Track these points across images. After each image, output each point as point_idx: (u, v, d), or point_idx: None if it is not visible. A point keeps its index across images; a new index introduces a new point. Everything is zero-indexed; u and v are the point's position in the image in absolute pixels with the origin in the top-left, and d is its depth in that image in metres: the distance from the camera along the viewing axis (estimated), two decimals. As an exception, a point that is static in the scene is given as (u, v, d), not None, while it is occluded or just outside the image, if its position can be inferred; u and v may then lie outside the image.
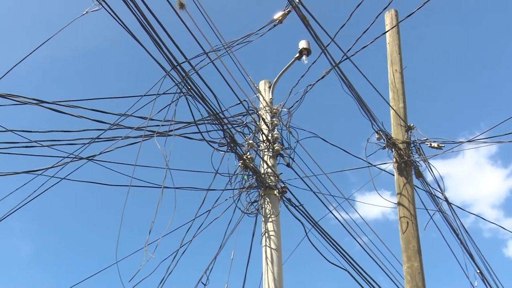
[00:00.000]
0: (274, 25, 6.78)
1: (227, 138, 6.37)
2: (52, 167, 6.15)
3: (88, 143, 6.33)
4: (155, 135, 6.25)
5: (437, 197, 7.13)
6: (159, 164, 6.35)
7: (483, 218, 7.72)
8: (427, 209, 7.01)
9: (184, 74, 6.02)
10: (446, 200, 7.10)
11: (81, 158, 6.34)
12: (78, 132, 6.32)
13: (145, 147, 6.11)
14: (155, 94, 6.25)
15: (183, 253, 6.41)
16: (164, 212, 5.94)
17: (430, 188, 7.11)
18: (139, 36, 5.38)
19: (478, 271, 7.40)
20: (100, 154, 6.41)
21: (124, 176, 6.34)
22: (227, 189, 6.50)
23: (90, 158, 6.41)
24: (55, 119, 6.03)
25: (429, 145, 7.08)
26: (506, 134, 6.61)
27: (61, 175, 6.31)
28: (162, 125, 6.28)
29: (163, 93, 6.31)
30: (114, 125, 6.36)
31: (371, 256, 6.98)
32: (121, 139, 6.40)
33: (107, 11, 4.99)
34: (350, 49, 6.46)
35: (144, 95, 6.32)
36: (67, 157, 6.27)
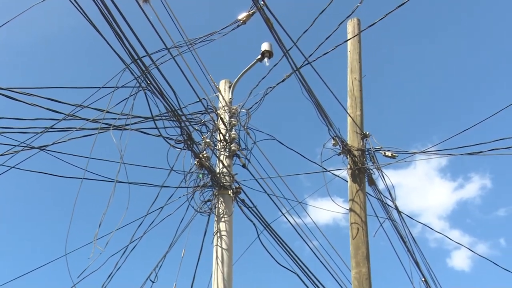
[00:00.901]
0: (238, 26, 6.76)
1: (184, 135, 6.33)
2: (1, 155, 5.98)
3: (41, 132, 6.17)
4: (111, 128, 6.16)
5: (388, 205, 7.28)
6: (113, 158, 6.28)
7: (430, 228, 7.92)
8: (377, 217, 7.14)
9: (144, 68, 5.96)
10: (396, 208, 7.27)
11: (33, 148, 6.18)
12: (31, 121, 6.18)
13: (100, 140, 6.03)
14: (113, 87, 6.16)
15: (132, 249, 6.35)
16: (116, 207, 5.87)
17: (382, 196, 7.25)
18: (100, 27, 5.29)
19: (423, 279, 7.61)
20: (53, 144, 6.26)
21: (77, 168, 6.24)
22: (181, 187, 6.47)
23: (42, 147, 6.25)
24: (8, 106, 5.86)
25: (383, 153, 7.20)
26: (456, 148, 6.78)
27: (11, 164, 6.16)
28: (118, 119, 6.21)
29: (121, 86, 6.23)
30: (69, 115, 6.22)
31: (320, 261, 7.06)
32: (76, 130, 6.28)
33: (66, -3, 4.91)
34: (311, 54, 6.52)
35: (102, 87, 6.21)
36: (18, 145, 6.11)
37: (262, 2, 6.22)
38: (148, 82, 6.05)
